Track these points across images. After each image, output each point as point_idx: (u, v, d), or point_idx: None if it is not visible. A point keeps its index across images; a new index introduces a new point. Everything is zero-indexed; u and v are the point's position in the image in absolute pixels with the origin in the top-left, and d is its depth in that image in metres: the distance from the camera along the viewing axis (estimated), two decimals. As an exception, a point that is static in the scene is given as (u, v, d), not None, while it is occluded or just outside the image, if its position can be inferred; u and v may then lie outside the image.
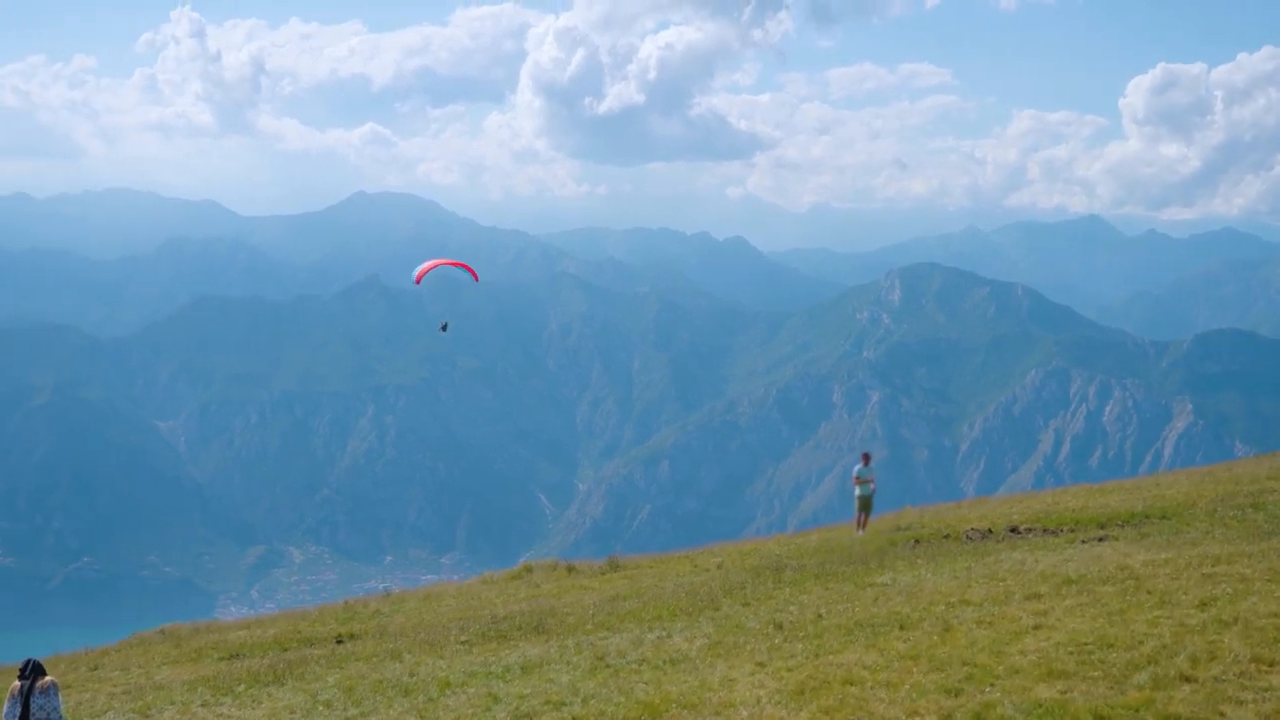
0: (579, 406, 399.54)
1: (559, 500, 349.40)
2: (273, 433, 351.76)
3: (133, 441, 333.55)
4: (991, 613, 21.03)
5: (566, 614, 27.53)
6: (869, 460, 41.51)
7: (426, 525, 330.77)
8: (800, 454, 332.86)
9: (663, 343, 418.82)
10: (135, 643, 32.91)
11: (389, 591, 38.90)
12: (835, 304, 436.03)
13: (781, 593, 26.63)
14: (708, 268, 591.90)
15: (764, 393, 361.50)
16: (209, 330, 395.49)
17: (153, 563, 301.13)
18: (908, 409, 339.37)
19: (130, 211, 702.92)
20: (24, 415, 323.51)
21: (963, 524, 36.66)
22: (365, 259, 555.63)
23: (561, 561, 39.35)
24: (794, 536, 43.50)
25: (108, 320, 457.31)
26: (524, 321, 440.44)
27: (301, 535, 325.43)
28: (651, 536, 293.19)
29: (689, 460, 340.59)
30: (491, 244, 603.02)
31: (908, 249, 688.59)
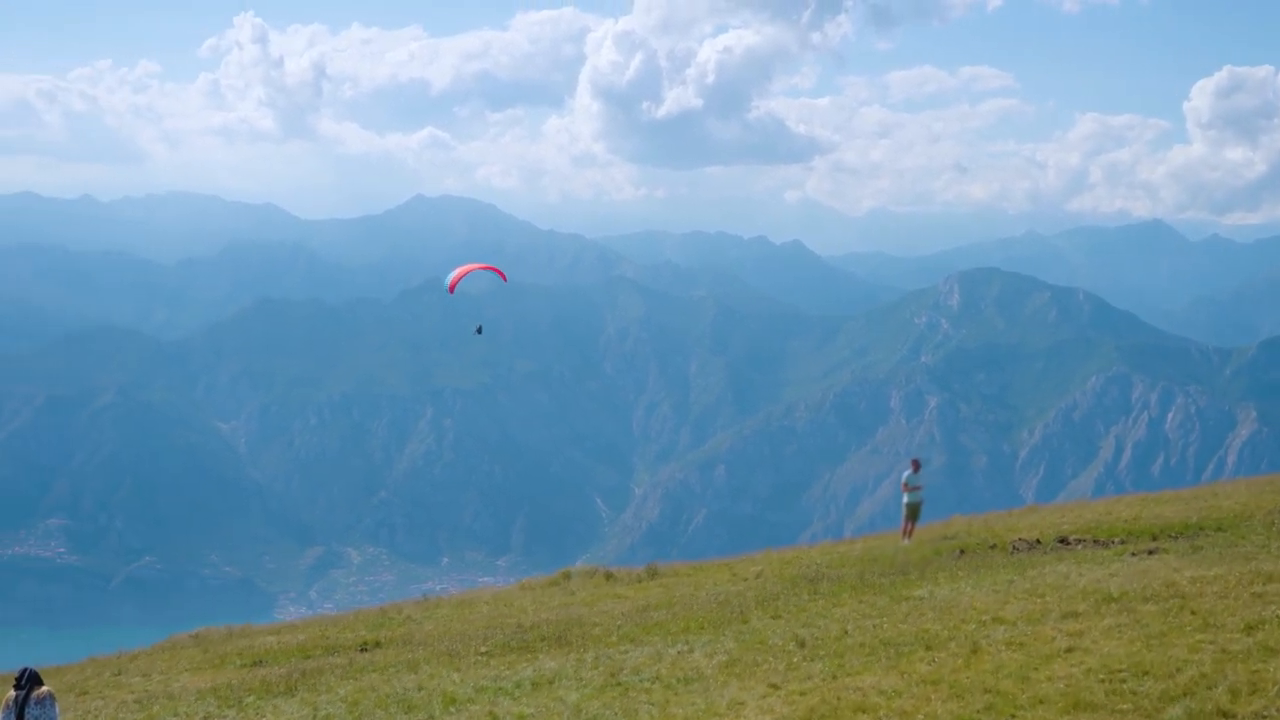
0: (635, 410, 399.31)
1: (615, 504, 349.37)
2: (331, 435, 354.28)
3: (194, 443, 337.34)
4: (1024, 633, 20.34)
5: (594, 624, 27.29)
6: (919, 467, 40.92)
7: (483, 528, 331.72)
8: (857, 459, 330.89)
9: (719, 347, 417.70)
10: (167, 646, 32.98)
11: (426, 596, 38.76)
12: (893, 308, 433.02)
13: (815, 605, 26.16)
14: (765, 272, 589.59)
15: (821, 397, 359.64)
16: (269, 333, 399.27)
17: (213, 562, 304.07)
18: (966, 415, 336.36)
19: (193, 215, 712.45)
20: (89, 416, 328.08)
21: (1011, 534, 35.95)
22: (423, 262, 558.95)
23: (600, 568, 38.96)
24: (838, 545, 42.78)
25: (170, 323, 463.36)
26: (581, 325, 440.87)
27: (359, 536, 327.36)
28: (707, 541, 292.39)
29: (745, 465, 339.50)
30: (549, 247, 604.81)
31: (967, 253, 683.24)
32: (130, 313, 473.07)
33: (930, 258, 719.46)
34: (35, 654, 66.95)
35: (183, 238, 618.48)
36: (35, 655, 47.59)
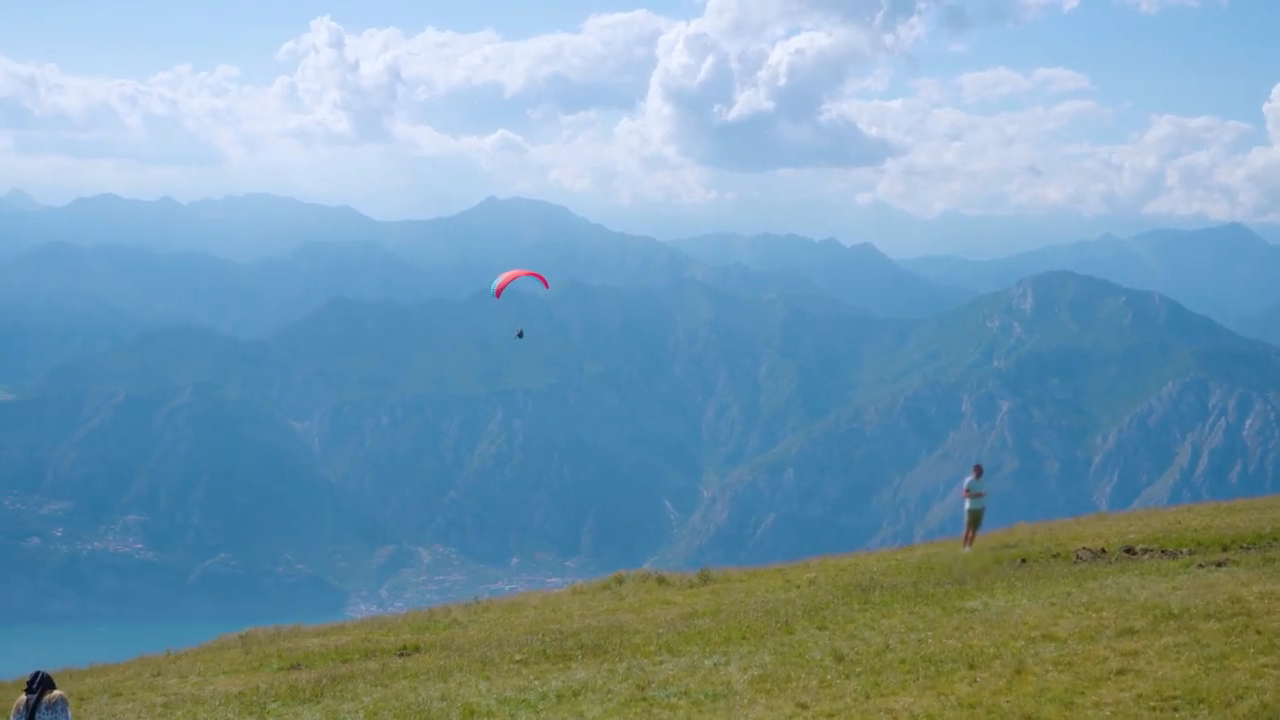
0: (704, 413, 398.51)
1: (683, 506, 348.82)
2: (403, 434, 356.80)
3: (269, 441, 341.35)
4: (1074, 651, 19.50)
5: (636, 631, 26.95)
6: (981, 473, 40.08)
7: (553, 529, 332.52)
8: (927, 463, 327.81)
9: (789, 350, 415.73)
10: (214, 646, 33.00)
11: (477, 599, 38.60)
12: (965, 312, 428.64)
13: (863, 615, 25.57)
14: (835, 275, 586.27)
15: (891, 401, 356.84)
16: (343, 333, 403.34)
17: (287, 560, 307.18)
18: (1039, 420, 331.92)
19: (270, 216, 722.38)
20: (167, 414, 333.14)
21: (1076, 542, 35.12)
22: (495, 264, 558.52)
23: (653, 573, 38.53)
24: (897, 552, 41.98)
25: (246, 322, 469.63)
26: (650, 327, 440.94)
27: (430, 536, 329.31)
28: (776, 544, 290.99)
29: (814, 468, 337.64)
30: (620, 249, 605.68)
31: (1041, 257, 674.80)
32: (207, 313, 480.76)
33: (1003, 261, 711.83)
34: (107, 649, 68.18)
35: (260, 239, 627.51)
36: (106, 650, 48.34)
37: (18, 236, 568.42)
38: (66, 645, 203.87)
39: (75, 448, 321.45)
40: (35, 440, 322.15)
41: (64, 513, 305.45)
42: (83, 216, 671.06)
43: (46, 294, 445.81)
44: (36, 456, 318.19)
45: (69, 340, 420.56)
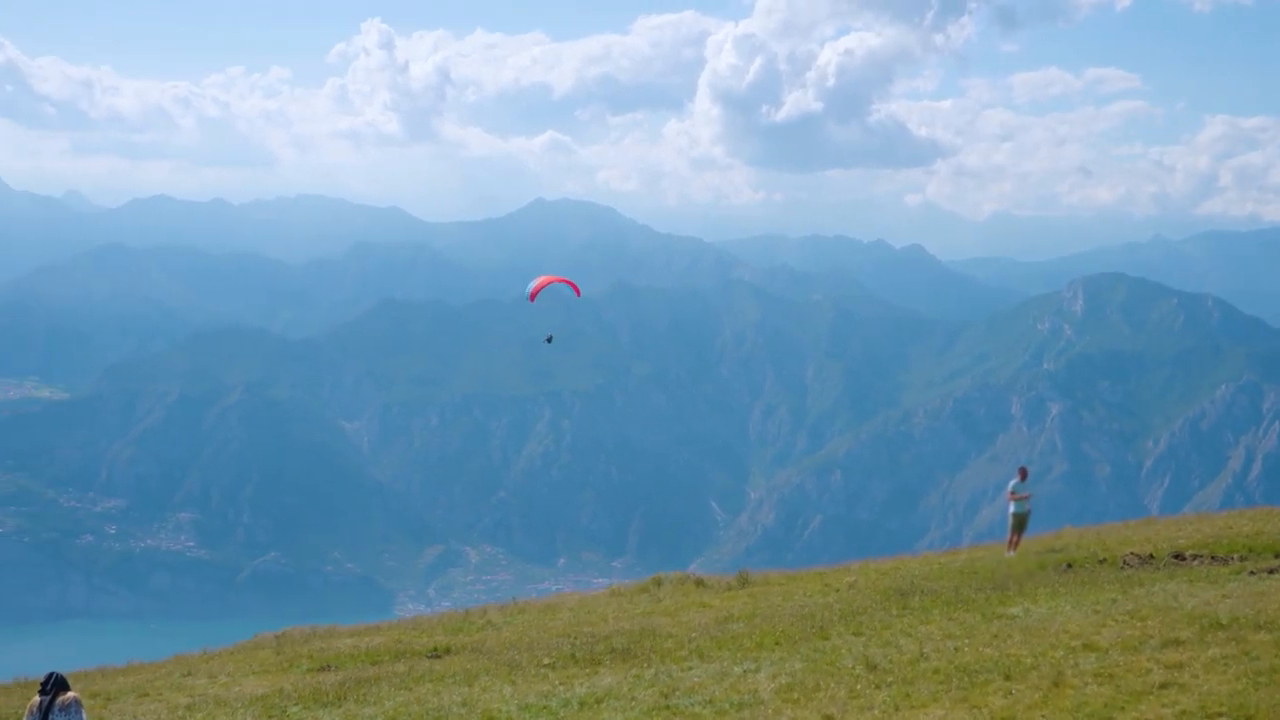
0: (751, 414, 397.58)
1: (730, 507, 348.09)
2: (452, 434, 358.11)
3: (319, 441, 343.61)
4: (1116, 663, 18.82)
5: (667, 636, 26.61)
6: (1026, 475, 39.30)
7: (600, 529, 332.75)
8: (977, 466, 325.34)
9: (837, 351, 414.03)
10: (249, 646, 33.00)
11: (515, 599, 38.46)
12: (1015, 314, 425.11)
13: (901, 621, 25.07)
14: (884, 276, 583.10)
15: (940, 403, 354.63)
16: (392, 333, 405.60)
17: (336, 559, 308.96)
18: (1089, 423, 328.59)
19: (320, 217, 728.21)
20: (218, 413, 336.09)
21: (1124, 547, 34.49)
22: (543, 264, 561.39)
23: (692, 575, 38.21)
24: (941, 555, 41.39)
25: (297, 322, 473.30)
26: (698, 328, 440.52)
27: (478, 536, 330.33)
28: (823, 547, 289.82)
29: (862, 470, 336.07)
30: (667, 250, 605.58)
31: (1091, 258, 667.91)
32: (259, 313, 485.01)
33: (1053, 262, 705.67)
34: (157, 645, 68.57)
35: (310, 240, 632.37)
36: (157, 647, 48.60)
37: (74, 237, 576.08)
38: (118, 641, 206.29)
39: (129, 446, 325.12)
40: (90, 439, 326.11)
41: (117, 510, 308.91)
42: (137, 217, 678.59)
43: (101, 294, 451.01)
44: (91, 455, 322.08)
45: (123, 340, 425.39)
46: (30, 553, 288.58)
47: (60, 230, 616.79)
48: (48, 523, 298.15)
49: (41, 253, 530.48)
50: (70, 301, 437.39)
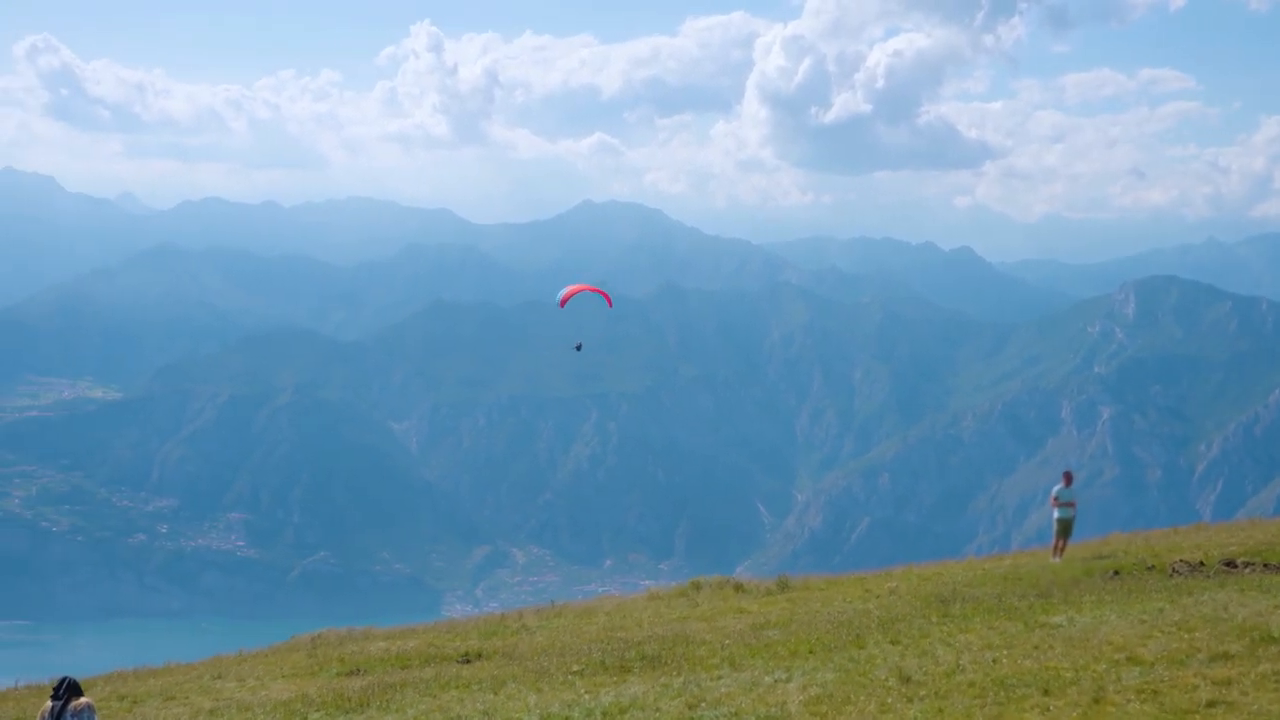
0: (799, 417, 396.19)
1: (777, 510, 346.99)
2: (499, 435, 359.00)
3: (368, 441, 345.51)
4: (1161, 678, 18.10)
5: (701, 643, 26.21)
6: (1071, 480, 38.59)
7: (646, 531, 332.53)
8: (1026, 470, 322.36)
9: (885, 354, 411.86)
10: (284, 649, 32.87)
11: (553, 603, 38.23)
12: (1065, 317, 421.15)
13: (940, 630, 24.50)
14: (933, 278, 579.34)
15: (989, 406, 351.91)
16: (441, 335, 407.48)
17: (384, 559, 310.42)
18: (1140, 427, 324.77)
19: (370, 219, 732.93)
20: (269, 414, 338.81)
21: (1173, 554, 33.89)
22: (591, 267, 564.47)
23: (731, 579, 37.80)
24: (985, 560, 40.78)
25: (347, 324, 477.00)
26: (745, 330, 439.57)
27: (525, 537, 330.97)
28: (870, 550, 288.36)
29: (909, 473, 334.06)
30: (715, 253, 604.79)
31: (1143, 261, 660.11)
32: (309, 314, 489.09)
33: (1105, 265, 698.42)
34: (207, 644, 69.08)
35: (360, 242, 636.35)
36: (207, 645, 48.90)
37: (127, 239, 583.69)
38: (168, 640, 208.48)
39: (180, 446, 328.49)
40: (142, 439, 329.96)
41: (169, 510, 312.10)
42: (189, 219, 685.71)
43: (154, 295, 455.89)
44: (143, 455, 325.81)
45: (175, 341, 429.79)
46: (84, 551, 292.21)
47: (114, 232, 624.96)
48: (101, 521, 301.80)
49: (96, 254, 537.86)
50: (123, 302, 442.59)
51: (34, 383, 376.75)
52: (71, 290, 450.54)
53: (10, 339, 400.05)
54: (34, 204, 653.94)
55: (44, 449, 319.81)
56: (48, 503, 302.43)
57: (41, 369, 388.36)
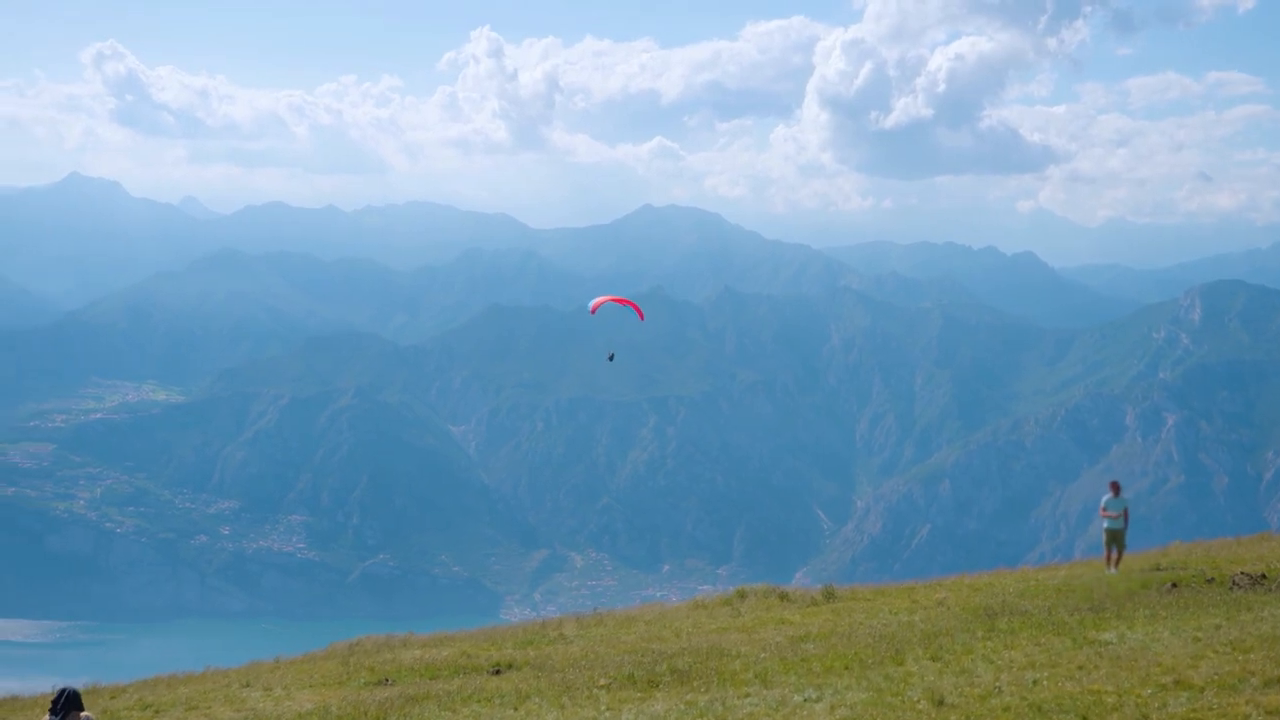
0: (858, 422, 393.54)
1: (836, 516, 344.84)
2: (557, 439, 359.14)
3: (428, 444, 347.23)
4: (1210, 705, 17.01)
5: (735, 656, 25.52)
6: (1119, 490, 37.86)
7: (704, 536, 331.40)
8: (1089, 477, 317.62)
9: (945, 359, 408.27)
10: (319, 656, 32.39)
11: (596, 610, 37.74)
12: (1129, 322, 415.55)
13: (983, 645, 23.66)
14: (994, 283, 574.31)
15: (1051, 413, 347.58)
16: (500, 338, 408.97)
17: (443, 562, 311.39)
18: (1207, 434, 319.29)
19: (430, 224, 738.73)
20: (330, 417, 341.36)
21: (1234, 566, 32.80)
22: (650, 271, 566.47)
23: (776, 588, 37.20)
24: (1039, 571, 39.70)
25: (407, 327, 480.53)
26: (805, 336, 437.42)
27: (583, 541, 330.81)
28: (930, 557, 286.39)
29: (971, 480, 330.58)
30: (774, 258, 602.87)
31: (1210, 265, 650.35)
32: (369, 318, 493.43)
33: (1170, 270, 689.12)
34: (266, 645, 69.57)
35: (420, 246, 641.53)
36: (268, 646, 48.94)
37: (190, 243, 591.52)
38: (228, 641, 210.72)
39: (242, 449, 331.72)
40: (205, 441, 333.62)
41: (231, 512, 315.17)
42: (251, 224, 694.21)
43: (217, 299, 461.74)
44: (206, 457, 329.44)
45: (238, 344, 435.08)
46: (147, 552, 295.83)
47: (178, 237, 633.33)
48: (164, 523, 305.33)
49: (160, 258, 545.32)
50: (187, 306, 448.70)
51: (99, 385, 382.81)
52: (136, 294, 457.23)
53: (76, 343, 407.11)
54: (100, 209, 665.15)
55: (109, 451, 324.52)
56: (112, 504, 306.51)
57: (107, 372, 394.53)
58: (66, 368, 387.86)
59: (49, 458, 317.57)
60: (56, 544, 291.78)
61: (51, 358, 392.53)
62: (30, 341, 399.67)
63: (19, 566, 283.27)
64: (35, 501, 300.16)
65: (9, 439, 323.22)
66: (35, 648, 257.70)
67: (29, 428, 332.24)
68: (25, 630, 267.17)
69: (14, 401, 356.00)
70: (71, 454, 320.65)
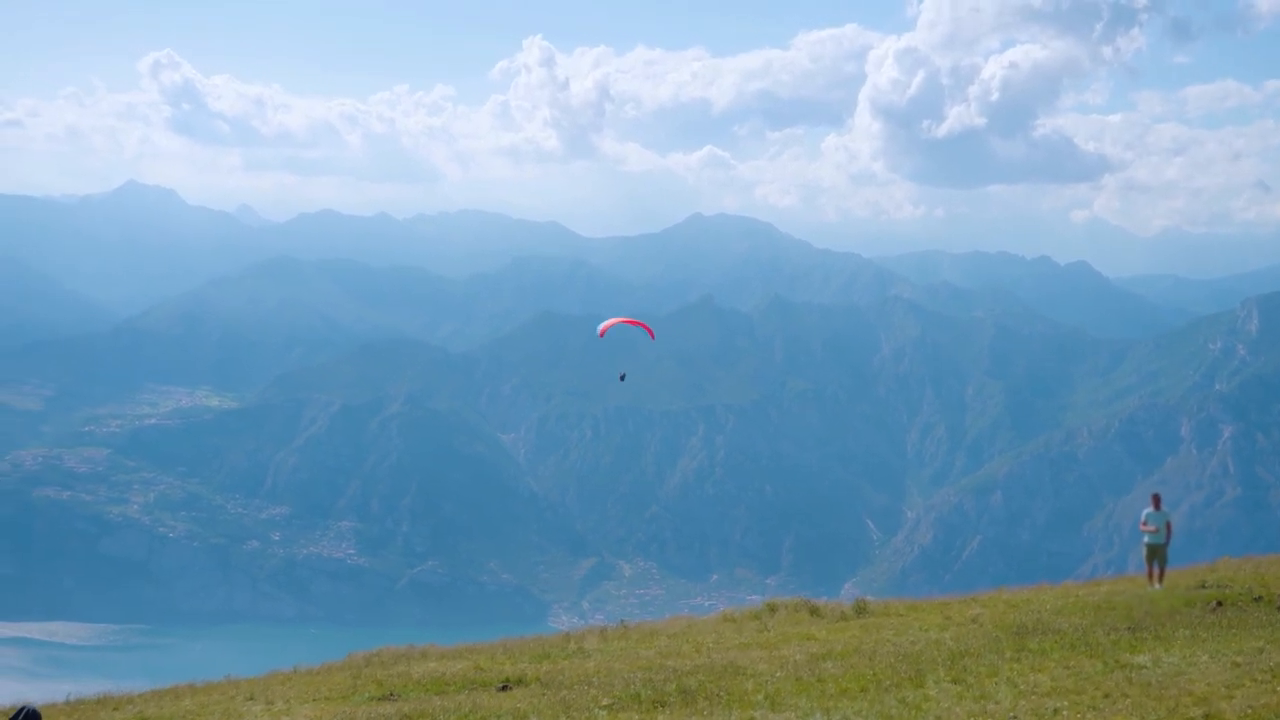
0: (909, 432, 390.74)
1: (886, 526, 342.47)
2: (606, 448, 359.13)
3: (477, 452, 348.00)
4: None
5: (750, 675, 24.68)
6: (1160, 503, 36.70)
7: (753, 545, 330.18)
8: (1143, 489, 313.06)
9: (997, 369, 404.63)
10: (333, 668, 31.65)
11: (623, 622, 37.15)
12: (1185, 333, 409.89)
13: (1010, 668, 22.70)
14: (1047, 293, 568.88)
15: (1105, 424, 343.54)
16: (549, 346, 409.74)
17: (492, 569, 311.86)
18: (1264, 446, 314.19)
19: (481, 232, 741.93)
20: (380, 424, 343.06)
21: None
22: (699, 280, 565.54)
23: (806, 602, 36.60)
24: (1081, 586, 38.53)
25: (457, 335, 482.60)
26: (855, 345, 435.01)
27: (631, 549, 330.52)
28: (982, 569, 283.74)
29: (1023, 491, 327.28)
30: (825, 266, 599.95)
31: (1267, 276, 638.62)
32: (420, 325, 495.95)
33: (1227, 280, 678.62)
34: (316, 650, 69.58)
35: (471, 254, 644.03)
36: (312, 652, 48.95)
37: (244, 250, 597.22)
38: (276, 646, 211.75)
39: (294, 454, 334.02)
40: (257, 447, 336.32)
41: (282, 517, 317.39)
42: (304, 232, 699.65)
43: (270, 306, 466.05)
44: (258, 462, 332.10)
45: (290, 351, 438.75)
46: (199, 557, 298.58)
47: (232, 243, 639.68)
48: (216, 528, 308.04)
49: (214, 265, 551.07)
50: (241, 313, 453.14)
51: (154, 391, 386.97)
52: (191, 301, 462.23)
53: (132, 349, 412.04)
54: (156, 217, 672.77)
55: (163, 456, 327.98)
56: (165, 509, 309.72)
57: (161, 378, 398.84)
58: (122, 374, 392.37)
59: (104, 462, 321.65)
60: (111, 547, 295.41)
61: (108, 364, 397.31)
62: (88, 348, 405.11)
63: (74, 569, 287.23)
64: (90, 505, 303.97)
65: (66, 444, 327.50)
66: (89, 650, 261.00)
67: (85, 433, 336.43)
68: (79, 633, 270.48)
69: (72, 406, 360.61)
70: (126, 459, 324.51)
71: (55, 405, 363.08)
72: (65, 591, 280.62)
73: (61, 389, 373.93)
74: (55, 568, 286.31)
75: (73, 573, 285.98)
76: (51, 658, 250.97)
